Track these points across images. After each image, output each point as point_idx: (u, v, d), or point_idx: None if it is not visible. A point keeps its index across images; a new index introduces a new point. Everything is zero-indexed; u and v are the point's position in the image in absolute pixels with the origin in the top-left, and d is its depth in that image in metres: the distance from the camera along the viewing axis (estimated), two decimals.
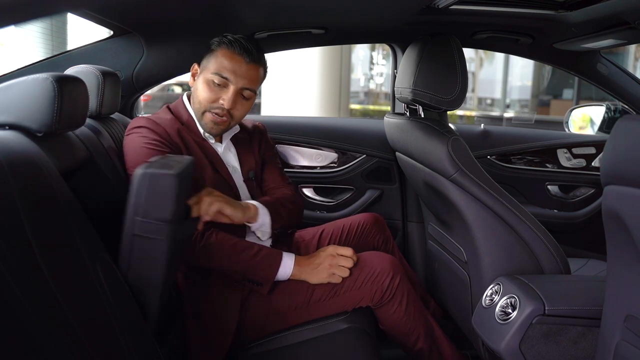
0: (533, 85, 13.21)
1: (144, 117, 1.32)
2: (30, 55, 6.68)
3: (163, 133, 1.29)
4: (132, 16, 1.50)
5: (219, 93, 1.32)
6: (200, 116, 1.35)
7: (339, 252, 1.32)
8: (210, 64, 1.33)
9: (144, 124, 1.29)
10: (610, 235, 0.90)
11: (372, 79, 16.38)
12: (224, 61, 1.31)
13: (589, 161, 2.13)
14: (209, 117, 1.34)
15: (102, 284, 0.83)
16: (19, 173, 0.74)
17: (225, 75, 1.30)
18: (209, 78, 1.32)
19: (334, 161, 2.06)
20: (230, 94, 1.31)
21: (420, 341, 1.36)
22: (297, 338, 1.28)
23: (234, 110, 1.34)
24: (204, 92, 1.33)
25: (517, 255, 1.27)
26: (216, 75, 1.30)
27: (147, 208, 0.95)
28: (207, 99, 1.32)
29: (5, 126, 0.95)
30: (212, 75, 1.31)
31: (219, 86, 1.32)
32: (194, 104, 1.37)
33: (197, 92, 1.35)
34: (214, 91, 1.32)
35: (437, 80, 1.35)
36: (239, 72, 1.31)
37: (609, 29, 1.50)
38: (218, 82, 1.31)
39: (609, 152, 0.85)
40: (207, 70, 1.33)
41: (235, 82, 1.31)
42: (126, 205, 0.98)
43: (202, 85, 1.33)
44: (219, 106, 1.32)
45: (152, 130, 1.28)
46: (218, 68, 1.31)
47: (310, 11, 1.57)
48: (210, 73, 1.31)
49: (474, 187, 1.29)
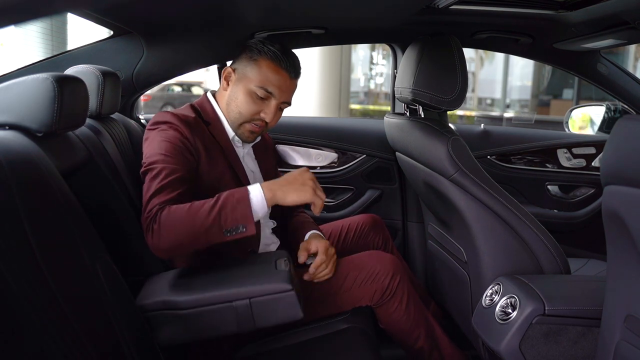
0: (533, 85, 13.21)
1: (169, 113, 1.27)
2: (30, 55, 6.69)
3: (186, 132, 1.24)
4: (132, 16, 1.50)
5: (261, 106, 1.30)
6: (238, 126, 1.33)
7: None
8: (252, 74, 1.29)
9: (170, 120, 1.25)
10: (610, 235, 0.90)
11: (372, 79, 16.39)
12: (269, 74, 1.28)
13: (589, 161, 2.13)
14: (247, 128, 1.33)
15: (102, 284, 0.83)
16: (19, 173, 0.74)
17: (271, 90, 1.28)
18: (252, 90, 1.28)
19: (334, 161, 2.06)
20: (272, 108, 1.30)
21: (420, 340, 1.37)
22: (297, 338, 1.28)
23: (271, 122, 1.33)
24: (246, 105, 1.29)
25: (517, 255, 1.27)
26: (261, 88, 1.28)
27: None
28: (250, 111, 1.30)
29: (5, 126, 0.95)
30: (256, 88, 1.28)
31: (261, 99, 1.29)
32: (232, 112, 1.33)
33: (236, 101, 1.31)
34: (257, 104, 1.29)
35: (437, 80, 1.35)
36: (284, 88, 1.30)
37: (609, 29, 1.50)
38: (262, 95, 1.28)
39: (609, 152, 0.85)
40: (249, 80, 1.29)
41: (278, 97, 1.30)
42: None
43: (244, 96, 1.29)
44: (259, 118, 1.31)
45: (177, 126, 1.23)
46: (263, 82, 1.28)
47: (310, 11, 1.57)
48: (253, 85, 1.28)
49: (474, 187, 1.29)
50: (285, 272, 1.07)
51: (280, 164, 2.05)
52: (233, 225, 1.08)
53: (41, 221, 0.74)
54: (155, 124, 1.26)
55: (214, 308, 1.01)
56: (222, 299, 1.02)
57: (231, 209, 1.08)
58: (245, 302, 1.02)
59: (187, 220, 1.07)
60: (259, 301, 1.02)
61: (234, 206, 1.09)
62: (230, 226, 1.08)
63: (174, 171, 1.16)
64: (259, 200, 1.11)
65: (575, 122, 2.31)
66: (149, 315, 1.00)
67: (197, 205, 1.09)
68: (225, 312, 1.02)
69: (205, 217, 1.07)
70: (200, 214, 1.08)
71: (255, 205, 1.11)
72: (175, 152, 1.19)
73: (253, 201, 1.11)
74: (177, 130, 1.23)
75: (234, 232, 1.09)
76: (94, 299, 0.80)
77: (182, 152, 1.21)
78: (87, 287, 0.80)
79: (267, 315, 1.03)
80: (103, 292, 0.83)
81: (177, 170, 1.17)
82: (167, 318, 1.01)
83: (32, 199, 0.74)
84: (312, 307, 1.30)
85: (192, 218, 1.07)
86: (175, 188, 1.14)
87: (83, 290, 0.79)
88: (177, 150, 1.20)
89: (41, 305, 0.66)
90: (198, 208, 1.09)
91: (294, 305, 1.03)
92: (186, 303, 1.01)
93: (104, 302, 0.82)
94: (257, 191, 1.12)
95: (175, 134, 1.23)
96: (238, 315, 1.02)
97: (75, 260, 0.80)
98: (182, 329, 1.02)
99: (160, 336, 1.01)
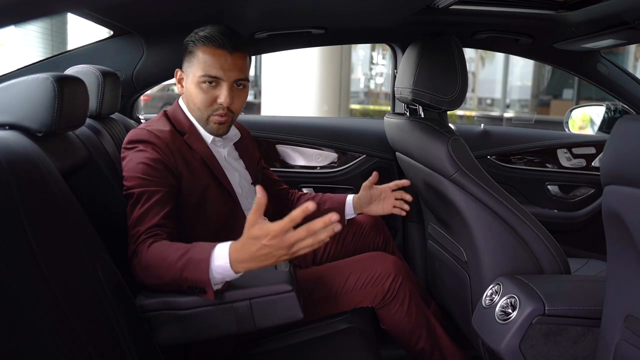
0: (533, 85, 13.20)
1: (145, 130, 1.23)
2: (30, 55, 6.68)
3: (164, 150, 1.20)
4: (132, 16, 1.50)
5: (214, 93, 1.24)
6: (205, 122, 1.28)
7: (272, 228, 0.90)
8: (193, 66, 1.24)
9: (146, 138, 1.20)
10: (610, 235, 0.90)
11: (372, 79, 16.38)
12: (206, 59, 1.22)
13: (589, 161, 2.13)
14: (213, 120, 1.27)
15: (102, 284, 0.83)
16: (19, 173, 0.74)
17: (214, 73, 1.22)
18: (198, 81, 1.24)
19: (334, 161, 2.06)
20: (225, 90, 1.24)
21: (421, 341, 1.37)
22: (297, 338, 1.28)
23: (233, 105, 1.26)
24: (198, 97, 1.25)
25: (517, 255, 1.27)
26: (204, 76, 1.22)
27: None
28: (204, 102, 1.25)
29: (5, 126, 0.95)
30: (201, 78, 1.23)
31: (212, 86, 1.24)
32: (194, 111, 1.29)
33: (191, 98, 1.27)
34: (209, 92, 1.24)
35: (437, 80, 1.35)
36: (226, 66, 1.22)
37: (609, 29, 1.50)
38: (209, 82, 1.23)
39: (609, 152, 0.85)
40: (193, 73, 1.24)
41: (226, 78, 1.23)
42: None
43: (194, 89, 1.25)
44: (218, 107, 1.25)
45: (154, 146, 1.19)
46: (204, 68, 1.22)
47: (310, 11, 1.57)
48: (197, 76, 1.23)
49: (474, 187, 1.29)
50: (286, 273, 1.07)
51: (280, 164, 2.06)
52: (193, 284, 1.00)
53: (41, 221, 0.74)
54: (131, 142, 1.22)
55: (214, 309, 1.01)
56: (222, 300, 1.02)
57: (192, 268, 0.99)
58: (246, 302, 1.02)
59: (159, 267, 1.02)
60: (259, 302, 1.02)
61: (195, 264, 0.99)
62: (192, 284, 1.00)
63: (153, 194, 1.13)
64: (223, 268, 0.97)
65: (575, 122, 2.31)
66: (149, 315, 1.00)
67: (167, 254, 1.02)
68: (226, 313, 1.02)
69: (171, 268, 1.00)
70: (168, 264, 1.01)
71: (216, 266, 0.97)
72: (154, 174, 1.16)
73: (215, 264, 0.97)
74: (155, 151, 1.19)
75: (196, 291, 1.01)
76: (94, 299, 0.80)
77: (162, 173, 1.17)
78: (87, 287, 0.80)
79: (267, 316, 1.03)
80: (103, 292, 0.83)
81: (156, 192, 1.13)
82: (167, 318, 1.01)
83: (32, 199, 0.74)
84: (313, 308, 1.30)
85: (161, 267, 1.01)
86: (157, 211, 1.11)
87: (83, 290, 0.79)
88: (156, 172, 1.16)
89: (41, 305, 0.66)
90: (166, 256, 1.01)
91: (294, 306, 1.03)
92: (186, 304, 1.01)
93: (104, 302, 0.82)
94: (223, 252, 0.97)
95: (153, 154, 1.18)
96: (238, 316, 1.02)
97: (75, 260, 0.80)
98: (182, 329, 1.02)
99: (160, 336, 1.01)
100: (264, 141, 2.02)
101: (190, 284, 0.99)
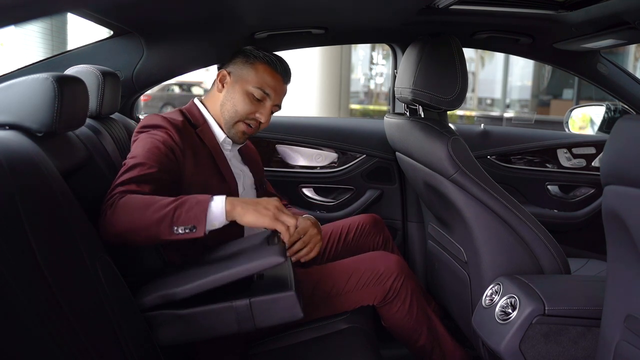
0: (533, 85, 13.21)
1: (159, 116, 1.28)
2: (30, 55, 6.69)
3: (176, 135, 1.24)
4: (132, 16, 1.50)
5: (258, 107, 1.35)
6: (232, 125, 1.36)
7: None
8: (250, 76, 1.34)
9: (160, 123, 1.25)
10: (610, 235, 0.90)
11: (372, 79, 16.38)
12: (266, 77, 1.34)
13: (589, 161, 2.13)
14: (241, 127, 1.36)
15: (102, 284, 0.83)
16: (19, 173, 0.74)
17: (268, 91, 1.34)
18: (249, 91, 1.34)
19: (334, 161, 2.06)
20: (267, 109, 1.36)
21: (422, 338, 1.38)
22: (297, 338, 1.28)
23: (264, 124, 1.38)
24: (243, 104, 1.34)
25: (517, 255, 1.27)
26: (258, 89, 1.33)
27: None
28: (246, 111, 1.34)
29: (5, 126, 0.95)
30: (254, 89, 1.33)
31: (257, 100, 1.35)
32: (228, 112, 1.35)
33: (233, 101, 1.35)
34: (254, 104, 1.35)
35: (437, 80, 1.35)
36: (278, 90, 1.37)
37: (609, 29, 1.50)
38: (258, 96, 1.34)
39: (609, 152, 0.85)
40: (247, 82, 1.34)
41: (273, 99, 1.36)
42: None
43: (241, 96, 1.34)
44: (254, 118, 1.36)
45: (167, 130, 1.24)
46: (260, 83, 1.34)
47: (310, 11, 1.57)
48: (251, 86, 1.33)
49: (474, 187, 1.29)
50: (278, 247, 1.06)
51: (280, 164, 2.06)
52: (184, 223, 1.03)
53: (41, 221, 0.74)
54: (145, 127, 1.26)
55: (213, 308, 1.01)
56: (221, 297, 1.02)
57: (187, 209, 1.04)
58: (246, 302, 1.02)
59: (142, 207, 1.04)
60: (259, 301, 1.02)
61: (191, 206, 1.04)
62: (180, 223, 1.03)
63: (149, 167, 1.14)
64: (218, 209, 1.05)
65: (575, 122, 2.31)
66: (149, 315, 1.00)
67: (157, 198, 1.06)
68: (225, 313, 1.02)
69: (160, 208, 1.03)
70: (157, 205, 1.04)
71: (213, 212, 1.05)
72: (158, 153, 1.17)
73: (212, 207, 1.05)
74: (167, 134, 1.23)
75: (182, 230, 1.03)
76: (94, 299, 0.80)
77: (167, 155, 1.19)
78: (87, 287, 0.80)
79: (267, 316, 1.03)
80: (103, 292, 0.83)
81: (152, 167, 1.14)
82: (167, 318, 1.01)
83: (32, 199, 0.74)
84: (314, 308, 1.30)
85: (147, 206, 1.04)
86: (145, 183, 1.11)
87: (83, 290, 0.79)
88: (162, 152, 1.18)
89: (41, 305, 0.66)
90: (156, 200, 1.05)
91: (294, 306, 1.03)
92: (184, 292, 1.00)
93: (104, 302, 0.82)
94: (219, 200, 1.07)
95: (164, 137, 1.22)
96: (238, 316, 1.02)
97: (75, 260, 0.80)
98: (182, 329, 1.02)
99: (160, 336, 1.01)
100: (264, 141, 2.02)
101: (181, 222, 1.02)
